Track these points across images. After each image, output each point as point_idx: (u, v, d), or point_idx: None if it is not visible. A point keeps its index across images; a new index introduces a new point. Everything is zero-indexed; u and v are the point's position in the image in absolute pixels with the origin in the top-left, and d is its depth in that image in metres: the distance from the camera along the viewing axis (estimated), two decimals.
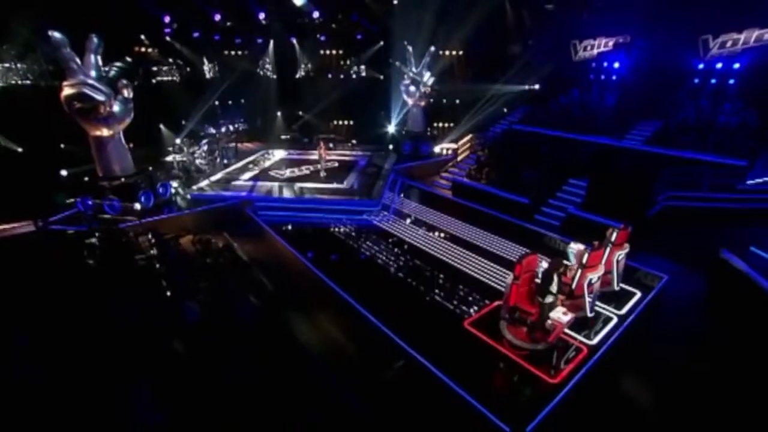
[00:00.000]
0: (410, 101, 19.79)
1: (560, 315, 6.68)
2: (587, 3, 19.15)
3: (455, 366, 6.70)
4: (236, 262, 9.45)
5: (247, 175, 16.99)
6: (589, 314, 7.67)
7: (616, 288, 8.50)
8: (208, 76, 21.30)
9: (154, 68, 18.73)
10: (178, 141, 17.84)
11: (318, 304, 9.02)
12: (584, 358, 6.84)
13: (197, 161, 17.58)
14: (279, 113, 24.87)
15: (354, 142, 22.52)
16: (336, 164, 18.32)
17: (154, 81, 19.65)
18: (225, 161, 18.29)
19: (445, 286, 9.24)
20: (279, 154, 20.31)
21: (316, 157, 17.18)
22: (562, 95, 19.85)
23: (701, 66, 16.79)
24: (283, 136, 23.02)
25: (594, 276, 7.37)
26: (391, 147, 20.26)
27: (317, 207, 13.80)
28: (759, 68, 15.35)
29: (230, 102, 24.03)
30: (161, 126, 20.67)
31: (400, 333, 7.45)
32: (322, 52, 22.95)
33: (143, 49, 17.57)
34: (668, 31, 16.99)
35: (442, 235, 12.00)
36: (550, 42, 20.43)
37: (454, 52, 21.51)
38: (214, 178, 16.53)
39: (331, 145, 21.44)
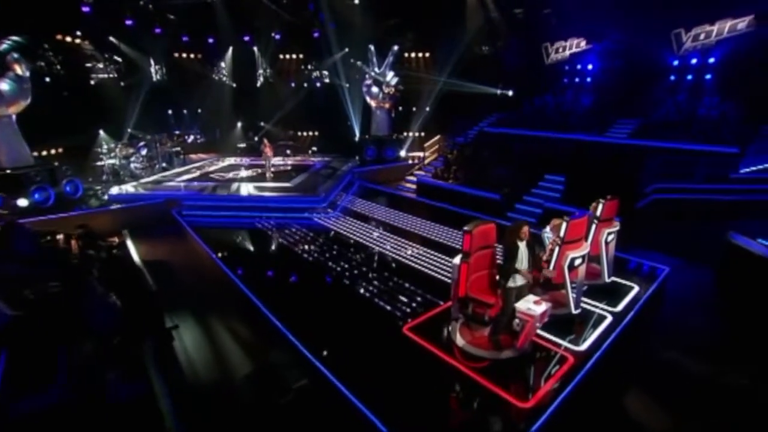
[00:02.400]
0: (373, 103, 18.27)
1: (530, 306, 4.57)
2: (557, 5, 18.31)
3: (381, 387, 4.50)
4: (112, 261, 7.17)
5: (185, 177, 14.84)
6: (574, 311, 5.58)
7: (607, 280, 6.48)
8: (155, 78, 19.43)
9: (88, 64, 16.75)
10: (111, 145, 15.76)
11: (222, 312, 6.81)
12: (570, 371, 4.69)
13: (132, 165, 15.46)
14: (239, 123, 23.05)
15: (315, 149, 20.73)
16: (289, 167, 16.42)
17: (92, 81, 17.65)
18: (164, 165, 16.13)
19: (391, 287, 7.08)
20: (230, 161, 18.34)
21: (273, 162, 15.26)
22: (536, 98, 18.70)
23: (676, 63, 15.85)
24: (240, 144, 21.08)
25: (577, 255, 5.35)
26: (354, 153, 18.48)
27: (254, 205, 11.64)
28: (734, 60, 14.42)
29: (185, 111, 22.19)
30: (101, 131, 18.53)
31: (312, 343, 5.26)
32: (281, 56, 21.41)
33: (72, 40, 15.61)
34: (640, 28, 16.12)
35: (398, 233, 9.88)
36: (521, 45, 19.47)
37: (420, 54, 20.28)
38: (144, 180, 14.35)
39: (288, 152, 19.64)
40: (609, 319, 5.75)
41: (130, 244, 8.39)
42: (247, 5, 17.46)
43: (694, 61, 15.45)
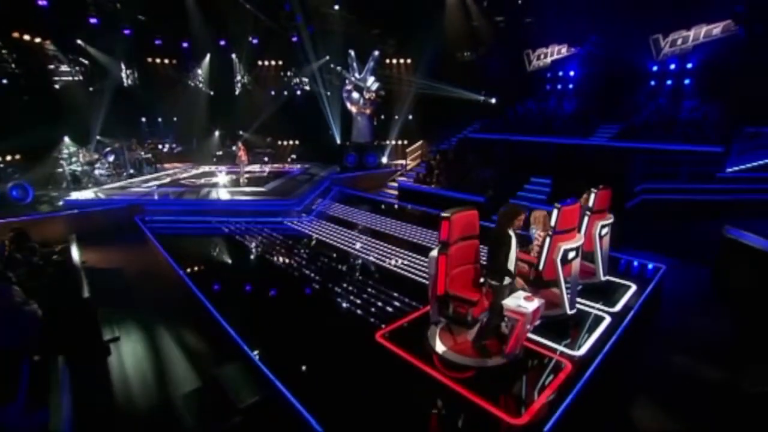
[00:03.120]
0: (354, 109, 17.81)
1: (521, 303, 3.91)
2: (538, 13, 18.33)
3: (347, 403, 3.75)
4: (44, 267, 6.27)
5: (153, 183, 13.93)
6: (569, 311, 4.94)
7: (603, 278, 5.88)
8: (126, 83, 18.57)
9: (51, 66, 15.83)
10: (72, 149, 14.81)
11: (174, 323, 5.97)
12: (568, 380, 4.01)
13: (97, 172, 14.50)
14: (217, 132, 22.21)
15: (294, 156, 20.06)
16: (265, 173, 15.68)
17: (56, 85, 16.71)
18: (131, 171, 15.19)
19: (365, 291, 6.34)
20: (205, 168, 17.49)
21: (248, 169, 14.52)
22: (519, 105, 18.53)
23: (655, 68, 15.89)
24: (217, 153, 20.24)
25: (570, 246, 4.75)
26: (334, 160, 17.86)
27: (223, 209, 10.83)
28: (711, 64, 14.50)
29: (160, 119, 21.31)
30: (65, 137, 17.49)
31: (271, 355, 4.50)
32: (259, 63, 20.83)
33: (31, 38, 14.66)
34: (620, 35, 16.19)
35: (376, 236, 9.16)
36: (503, 53, 19.38)
37: (402, 60, 19.97)
38: (108, 186, 13.41)
39: (266, 159, 18.92)
40: (607, 320, 5.13)
41: (74, 250, 7.48)
42: (222, 8, 16.77)
43: (672, 66, 15.55)
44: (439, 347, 4.41)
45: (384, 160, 18.12)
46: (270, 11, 17.84)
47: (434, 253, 4.31)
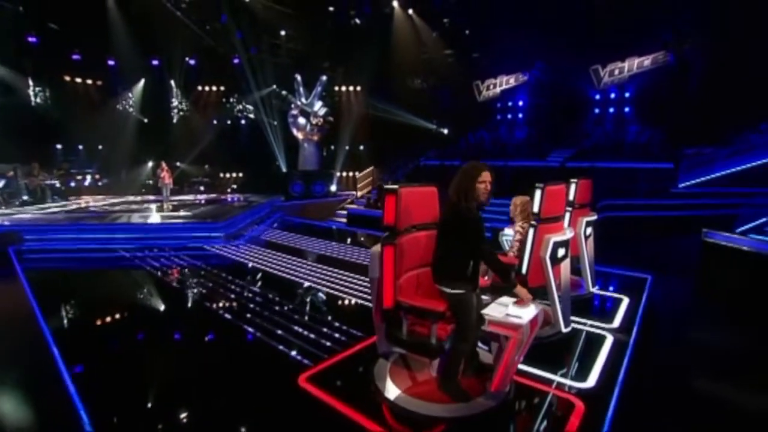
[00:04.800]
0: (300, 135, 16.67)
1: (513, 311, 2.57)
2: (485, 46, 18.74)
3: None
4: None
5: (51, 210, 11.58)
6: (564, 329, 3.68)
7: (592, 289, 4.75)
8: (33, 102, 16.25)
9: None
10: None
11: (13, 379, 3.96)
12: (585, 427, 2.64)
13: None
14: (150, 163, 19.95)
15: (234, 186, 18.30)
16: (198, 201, 13.80)
17: None
18: (24, 197, 12.71)
19: (297, 321, 4.73)
20: (129, 198, 15.27)
21: (179, 197, 12.60)
22: (471, 135, 18.38)
23: (598, 97, 16.42)
24: (148, 181, 17.96)
25: (560, 239, 3.58)
26: (279, 190, 16.34)
27: (133, 236, 8.83)
28: (646, 92, 15.20)
29: (81, 146, 18.85)
30: None
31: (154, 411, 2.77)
32: (199, 88, 19.35)
33: None
34: (564, 65, 16.72)
35: (318, 261, 7.58)
36: (453, 84, 19.47)
37: (351, 87, 19.38)
38: None
39: (201, 188, 17.04)
40: (609, 339, 3.92)
41: None
42: (151, 19, 15.15)
43: (613, 95, 16.11)
44: (391, 391, 2.93)
45: (333, 188, 16.87)
46: (207, 25, 16.37)
47: (377, 247, 2.94)
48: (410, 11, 16.80)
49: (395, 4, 16.57)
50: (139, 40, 15.71)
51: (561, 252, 3.65)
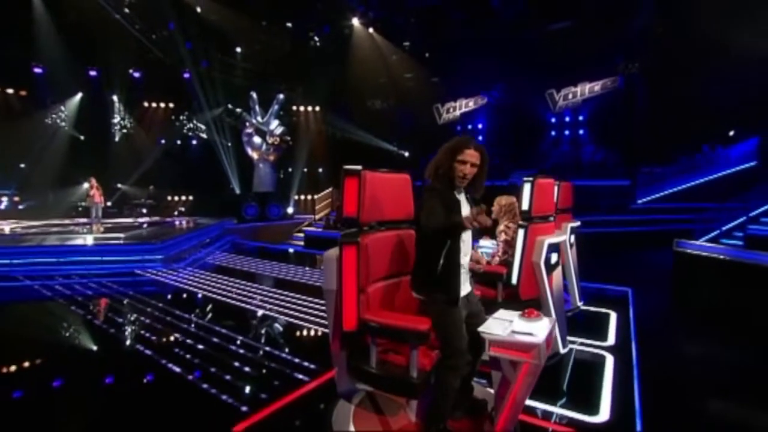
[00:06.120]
0: (255, 155, 15.76)
1: (518, 326, 1.91)
2: (445, 68, 19.01)
3: None
4: None
5: None
6: (562, 349, 3.09)
7: (579, 303, 4.24)
8: None
9: None
10: None
11: None
12: None
13: None
14: (86, 185, 17.94)
15: (182, 209, 16.85)
16: (137, 223, 12.38)
17: None
18: None
19: (237, 356, 3.81)
20: (54, 221, 13.47)
21: (116, 220, 11.14)
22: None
23: (554, 120, 16.95)
24: (81, 203, 15.97)
25: (554, 241, 3.04)
26: (232, 213, 15.15)
27: (46, 260, 7.43)
28: (598, 116, 15.89)
29: None
30: None
31: None
32: (145, 104, 17.96)
33: None
34: (522, 89, 17.19)
35: (271, 285, 6.63)
36: (413, 107, 19.49)
37: (310, 107, 18.82)
38: None
39: (144, 210, 15.50)
40: (609, 359, 3.36)
41: None
42: (87, 23, 13.56)
43: (567, 118, 16.66)
44: None
45: (290, 210, 15.94)
46: (154, 34, 15.10)
47: (333, 251, 2.23)
48: (371, 30, 16.72)
49: (355, 23, 16.44)
50: (74, 48, 14.17)
51: (554, 258, 3.10)
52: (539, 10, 14.83)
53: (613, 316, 4.43)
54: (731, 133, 13.05)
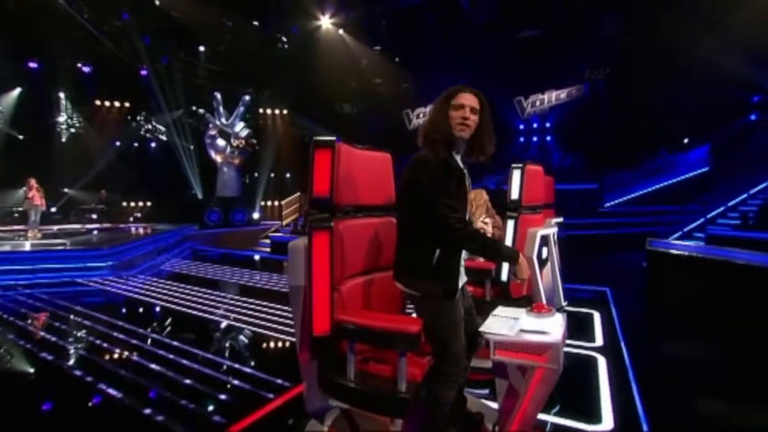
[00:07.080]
0: (219, 158, 15.01)
1: (527, 324, 1.60)
2: (415, 73, 19.01)
3: None
4: None
5: None
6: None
7: (564, 303, 4.03)
8: None
9: None
10: None
11: None
12: None
13: None
14: (24, 189, 16.40)
15: (138, 215, 15.76)
16: (84, 229, 11.37)
17: None
18: None
19: (189, 372, 3.30)
20: None
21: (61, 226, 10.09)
22: (405, 159, 18.12)
23: (522, 126, 17.27)
24: (19, 208, 14.52)
25: (547, 233, 2.80)
26: (194, 219, 14.27)
27: None
28: (564, 122, 16.34)
29: None
30: None
31: None
32: (98, 102, 16.71)
33: None
34: (493, 94, 17.32)
35: (227, 290, 6.09)
36: (384, 109, 19.33)
37: (277, 111, 18.20)
38: None
39: (94, 216, 14.34)
40: (601, 361, 3.14)
41: None
42: (25, 11, 12.27)
43: (535, 125, 17.02)
44: None
45: (256, 216, 15.24)
46: (105, 25, 13.88)
47: (300, 240, 1.85)
48: (341, 31, 16.43)
49: (325, 24, 16.11)
50: (10, 37, 12.84)
51: (545, 252, 2.86)
52: (509, 19, 15.11)
53: (597, 316, 4.27)
54: (686, 140, 13.73)
